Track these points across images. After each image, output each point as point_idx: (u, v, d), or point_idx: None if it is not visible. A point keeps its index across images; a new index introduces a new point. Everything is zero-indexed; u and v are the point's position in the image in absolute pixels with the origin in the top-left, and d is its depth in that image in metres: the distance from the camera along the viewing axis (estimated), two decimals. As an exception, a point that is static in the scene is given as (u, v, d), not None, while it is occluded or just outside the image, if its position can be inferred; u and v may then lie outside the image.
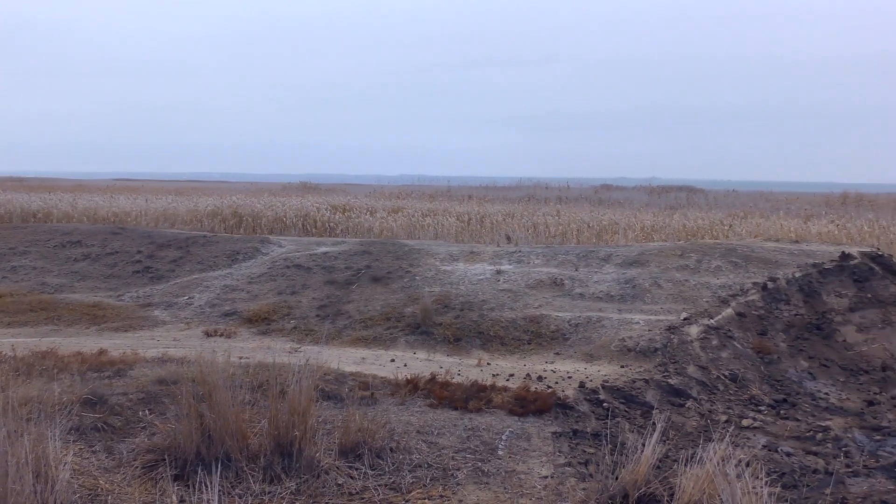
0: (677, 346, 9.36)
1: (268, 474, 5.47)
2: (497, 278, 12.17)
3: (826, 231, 20.81)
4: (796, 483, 6.43)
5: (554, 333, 10.10)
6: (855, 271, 12.09)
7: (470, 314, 10.75)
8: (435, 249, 14.25)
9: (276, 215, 26.02)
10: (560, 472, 6.10)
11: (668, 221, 24.15)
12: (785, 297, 11.18)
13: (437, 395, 7.45)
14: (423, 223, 24.34)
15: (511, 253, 13.91)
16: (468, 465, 6.06)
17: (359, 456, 5.90)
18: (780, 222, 23.41)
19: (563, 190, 49.56)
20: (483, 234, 22.79)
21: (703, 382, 8.76)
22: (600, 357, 9.32)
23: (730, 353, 9.54)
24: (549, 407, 7.33)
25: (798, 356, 10.07)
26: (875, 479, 6.62)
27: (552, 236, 21.93)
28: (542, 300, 11.19)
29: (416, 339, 10.27)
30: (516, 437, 6.67)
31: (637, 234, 21.64)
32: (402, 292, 11.77)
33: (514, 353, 9.74)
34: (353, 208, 28.88)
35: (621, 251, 13.60)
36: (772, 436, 7.69)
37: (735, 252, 13.00)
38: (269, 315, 11.37)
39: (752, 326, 10.34)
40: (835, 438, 7.63)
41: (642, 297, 11.25)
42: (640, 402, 7.98)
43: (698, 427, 7.59)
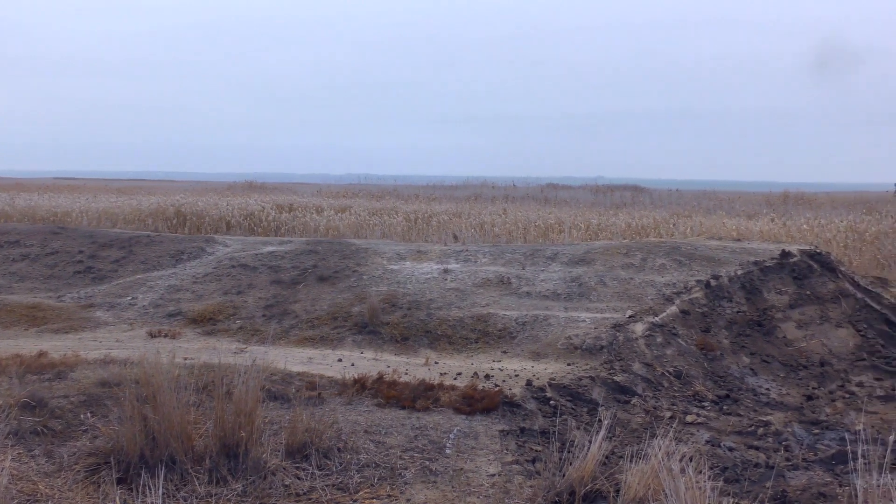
0: (623, 343, 9.45)
1: (213, 476, 5.40)
2: (444, 277, 12.18)
3: (767, 229, 21.20)
4: (738, 477, 6.54)
5: (501, 332, 10.13)
6: (794, 269, 12.33)
7: (417, 313, 10.74)
8: (382, 248, 14.22)
9: (221, 214, 25.74)
10: (507, 470, 6.12)
11: (613, 220, 24.38)
12: (728, 294, 11.36)
13: (385, 394, 7.43)
14: (370, 222, 24.27)
15: (458, 252, 13.93)
16: (416, 464, 6.06)
17: (306, 456, 5.86)
18: (722, 221, 23.78)
19: (509, 189, 49.77)
20: (430, 233, 22.80)
21: (648, 379, 8.86)
22: (547, 355, 9.38)
23: (674, 350, 9.66)
24: (496, 405, 7.35)
25: (740, 352, 10.24)
26: (813, 471, 6.76)
27: (499, 235, 22.02)
28: (489, 299, 11.23)
29: (363, 339, 10.23)
30: (464, 436, 6.68)
31: (583, 233, 21.82)
32: (349, 291, 11.72)
33: (461, 352, 9.75)
34: (300, 207, 28.68)
35: (567, 250, 13.70)
36: (715, 431, 7.81)
37: (679, 250, 13.18)
38: (215, 315, 11.24)
39: (695, 324, 10.49)
40: (775, 433, 7.77)
41: (588, 296, 11.34)
42: (587, 399, 8.05)
43: (644, 423, 7.67)
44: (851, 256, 17.60)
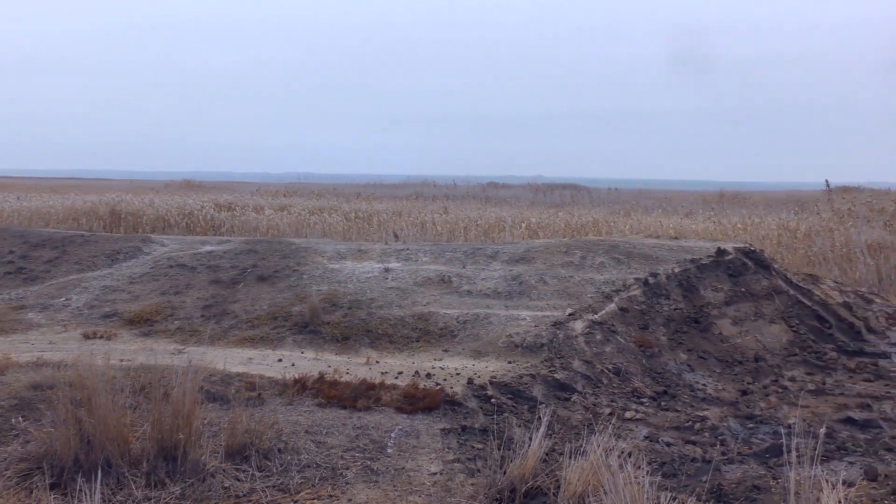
0: (563, 341, 9.54)
1: (151, 479, 5.32)
2: (385, 276, 12.16)
3: (704, 228, 21.57)
4: (676, 471, 6.65)
5: (442, 331, 10.15)
6: (730, 266, 12.57)
7: (358, 312, 10.71)
8: (322, 248, 14.14)
9: (159, 214, 25.35)
10: (449, 469, 6.14)
11: (553, 219, 24.58)
12: (665, 292, 11.54)
13: (326, 394, 7.40)
14: (311, 221, 24.13)
15: (399, 251, 13.92)
16: (357, 463, 6.04)
17: (246, 458, 5.80)
18: (660, 219, 24.15)
19: (450, 188, 49.91)
20: (371, 232, 22.75)
21: (587, 376, 8.95)
22: (488, 353, 9.42)
23: (613, 348, 9.78)
24: (437, 404, 7.37)
25: (678, 349, 10.41)
26: (748, 465, 6.90)
27: (440, 234, 22.05)
28: (430, 298, 11.24)
29: (303, 339, 10.16)
30: (405, 435, 6.68)
31: (523, 232, 21.96)
32: (289, 291, 11.63)
33: (402, 351, 9.74)
34: (239, 206, 28.38)
35: (508, 248, 13.77)
36: (653, 427, 7.92)
37: (618, 248, 13.34)
38: (152, 316, 11.07)
39: (634, 321, 10.63)
40: (711, 427, 7.92)
41: (529, 294, 11.42)
42: (528, 396, 8.10)
43: (583, 420, 7.75)
44: (784, 254, 18.01)
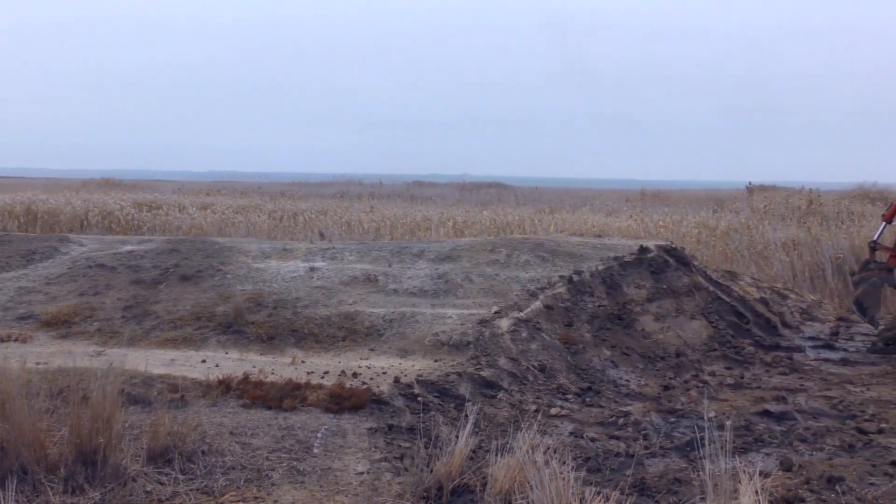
0: (489, 339, 9.59)
1: (69, 485, 5.20)
2: (311, 275, 12.07)
3: (626, 226, 21.93)
4: (600, 467, 6.75)
5: (369, 330, 10.12)
6: (652, 264, 12.80)
7: (283, 312, 10.61)
8: (247, 247, 13.96)
9: (77, 213, 24.72)
10: (376, 468, 6.14)
11: (479, 217, 24.70)
12: (589, 289, 11.69)
13: (251, 394, 7.32)
14: (235, 220, 23.82)
15: (325, 250, 13.83)
16: (283, 464, 6.00)
17: (169, 461, 5.71)
18: (584, 218, 24.46)
19: (376, 186, 49.83)
20: (296, 230, 22.57)
21: (513, 374, 9.03)
22: (415, 352, 9.42)
23: (539, 345, 9.88)
24: (364, 403, 7.35)
25: (602, 346, 10.56)
26: (670, 458, 7.06)
27: (366, 232, 21.99)
28: (356, 297, 11.19)
29: (228, 339, 10.03)
30: (332, 435, 6.66)
31: (449, 230, 22.03)
32: (213, 291, 11.46)
33: (328, 351, 9.69)
34: (161, 205, 27.86)
35: (434, 247, 13.80)
36: (578, 423, 8.03)
37: (543, 246, 13.46)
38: (70, 317, 10.79)
39: (559, 318, 10.75)
40: (635, 422, 8.06)
41: (455, 292, 11.45)
42: (454, 395, 8.14)
43: (509, 417, 7.81)
44: (704, 251, 18.41)
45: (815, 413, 8.48)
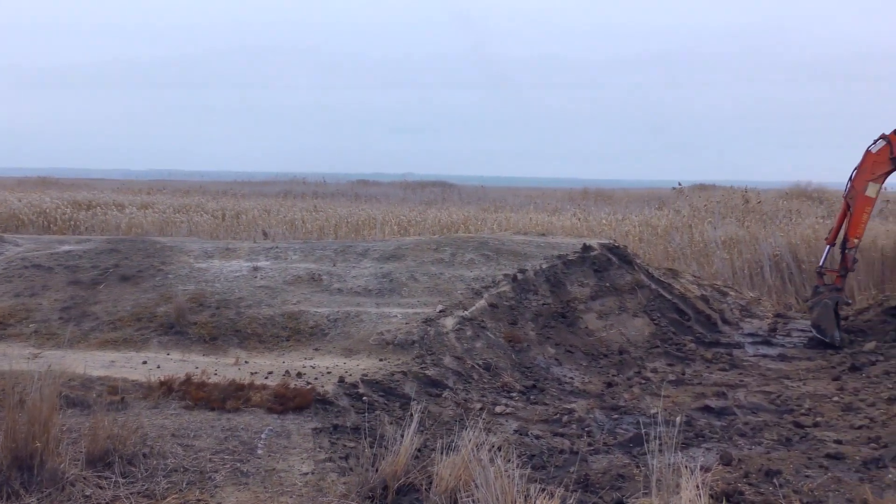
0: (434, 337, 9.60)
1: (4, 491, 5.08)
2: (254, 275, 11.95)
3: (569, 224, 22.10)
4: (545, 463, 6.80)
5: (313, 329, 10.06)
6: (595, 262, 12.92)
7: (226, 312, 10.49)
8: (189, 246, 13.77)
9: (11, 212, 24.17)
10: (321, 468, 6.10)
11: (423, 216, 24.71)
12: (533, 287, 11.76)
13: (193, 396, 7.22)
14: (176, 219, 23.50)
15: (268, 249, 13.71)
16: (227, 466, 5.93)
17: (109, 464, 5.61)
18: (528, 216, 24.60)
19: (319, 185, 49.57)
20: (239, 230, 22.34)
21: (458, 372, 9.04)
22: (359, 351, 9.39)
23: (483, 343, 9.91)
24: (308, 403, 7.30)
25: (546, 344, 10.63)
26: (613, 455, 7.14)
27: (310, 232, 21.85)
28: (300, 296, 11.12)
29: (169, 340, 9.89)
30: (276, 435, 6.60)
31: (394, 229, 21.99)
32: (154, 291, 11.28)
33: (272, 351, 9.61)
34: (99, 204, 27.36)
35: (379, 246, 13.76)
36: (523, 421, 8.08)
37: (487, 245, 13.51)
38: (5, 319, 10.53)
39: (503, 317, 10.80)
40: (578, 420, 8.13)
41: (399, 291, 11.44)
42: (399, 394, 8.13)
43: (455, 416, 7.83)
44: (646, 249, 18.64)
45: (753, 408, 8.65)
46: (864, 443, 7.33)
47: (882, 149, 11.78)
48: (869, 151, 11.92)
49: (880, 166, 11.82)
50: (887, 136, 11.76)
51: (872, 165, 11.85)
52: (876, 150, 11.84)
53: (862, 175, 11.92)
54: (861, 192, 11.84)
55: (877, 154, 11.83)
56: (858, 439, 7.46)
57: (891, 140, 11.73)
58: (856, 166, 12.04)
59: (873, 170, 11.83)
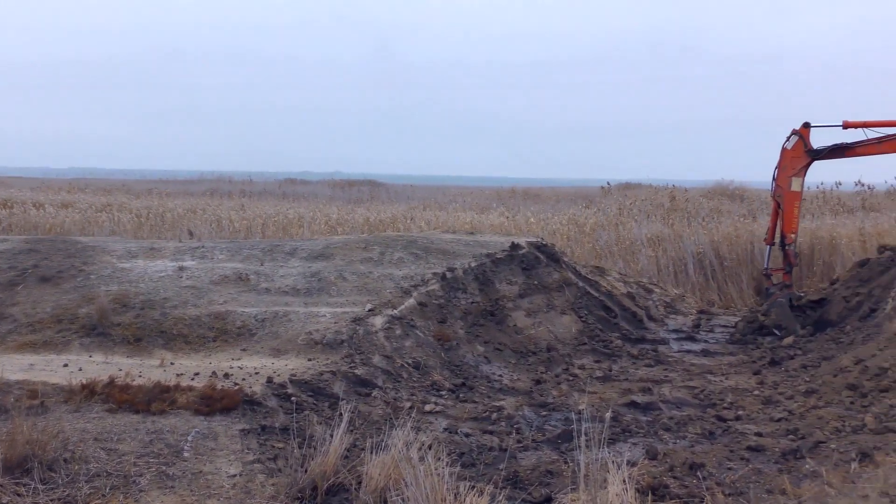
0: (363, 337, 9.57)
1: (-82, 500, 4.91)
2: (180, 275, 11.75)
3: (498, 223, 22.22)
4: (474, 461, 6.83)
5: (240, 329, 9.93)
6: (523, 260, 13.03)
7: (151, 313, 10.29)
8: (111, 246, 13.47)
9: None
10: (249, 470, 6.04)
11: (352, 215, 24.60)
12: (462, 286, 11.80)
13: (117, 398, 7.07)
14: (99, 219, 22.97)
15: (194, 248, 13.49)
16: (152, 469, 5.82)
17: (27, 470, 5.46)
18: (457, 215, 24.67)
19: (246, 184, 49.05)
20: (164, 229, 21.94)
21: (388, 371, 9.03)
22: (288, 351, 9.31)
23: (413, 342, 9.91)
24: (236, 404, 7.21)
25: (475, 342, 10.68)
26: (542, 451, 7.21)
27: (237, 231, 21.58)
28: (227, 296, 10.97)
29: (92, 342, 9.66)
30: (203, 437, 6.50)
31: (322, 228, 21.85)
32: (75, 292, 11.01)
33: (199, 352, 9.46)
34: (16, 203, 26.60)
35: (307, 245, 13.66)
36: (452, 419, 8.10)
37: (416, 244, 13.51)
38: (-82, 322, 10.18)
39: (432, 315, 10.81)
40: (508, 417, 8.19)
41: (328, 290, 11.37)
42: (328, 394, 8.08)
43: (384, 415, 7.81)
44: (573, 247, 18.85)
45: (678, 403, 8.82)
46: (782, 435, 7.54)
47: (796, 144, 12.17)
48: (785, 149, 12.30)
49: (798, 161, 12.19)
50: (798, 131, 12.16)
51: (791, 161, 12.22)
52: (791, 147, 12.22)
53: (783, 172, 12.29)
54: (786, 188, 12.21)
55: (792, 150, 12.21)
56: (778, 431, 7.67)
57: (802, 134, 12.13)
58: (776, 165, 12.40)
59: (793, 165, 12.21)
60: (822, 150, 12.23)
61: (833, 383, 8.93)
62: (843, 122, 12.10)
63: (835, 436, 7.30)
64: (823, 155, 12.25)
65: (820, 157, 12.25)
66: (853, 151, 12.24)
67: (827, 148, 12.23)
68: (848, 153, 12.27)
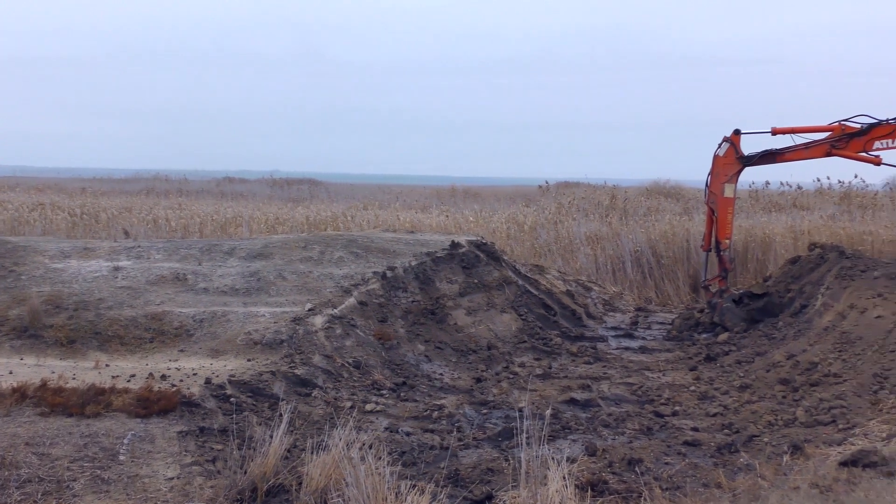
0: (303, 336, 9.50)
1: None
2: (115, 275, 11.54)
3: (438, 222, 22.23)
4: (416, 460, 6.84)
5: (178, 330, 9.79)
6: (463, 259, 13.06)
7: (86, 314, 10.08)
8: (44, 246, 13.17)
9: None
10: (187, 472, 5.95)
11: (291, 214, 24.41)
12: (403, 284, 11.79)
13: (50, 402, 6.91)
14: (30, 218, 22.44)
15: (130, 248, 13.26)
16: (86, 474, 5.71)
17: (-44, 477, 5.32)
18: (397, 214, 24.62)
19: (183, 182, 48.34)
20: (99, 229, 21.51)
21: (328, 371, 8.98)
22: (227, 352, 9.20)
23: (353, 341, 9.87)
24: (174, 406, 7.10)
25: (416, 340, 10.68)
26: (483, 449, 7.24)
27: (174, 230, 21.26)
28: (164, 296, 10.80)
29: (23, 344, 9.44)
30: (139, 440, 6.40)
31: (261, 227, 21.64)
32: (5, 293, 10.73)
33: (135, 353, 9.30)
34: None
35: (245, 244, 13.51)
36: (393, 418, 8.09)
37: (356, 243, 13.46)
38: None
39: (373, 314, 10.78)
40: (448, 415, 8.21)
41: (268, 290, 11.27)
42: (268, 394, 8.01)
43: (325, 415, 7.78)
44: (513, 246, 18.95)
45: (617, 399, 8.93)
46: (718, 429, 7.69)
47: (728, 151, 12.40)
48: (717, 156, 12.51)
49: (730, 167, 12.41)
50: (729, 138, 12.38)
51: (723, 168, 12.43)
52: (723, 154, 12.44)
53: (716, 179, 12.48)
54: (720, 194, 12.39)
55: (724, 157, 12.43)
56: (713, 426, 7.82)
57: (733, 141, 12.36)
58: (709, 172, 12.60)
59: (725, 172, 12.42)
60: (753, 157, 12.48)
61: (766, 378, 9.13)
62: (771, 128, 12.38)
63: (768, 429, 7.48)
64: (755, 161, 12.50)
65: (751, 163, 12.50)
66: (783, 157, 12.52)
67: (758, 154, 12.49)
68: (778, 159, 12.55)
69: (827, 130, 12.27)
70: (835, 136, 12.13)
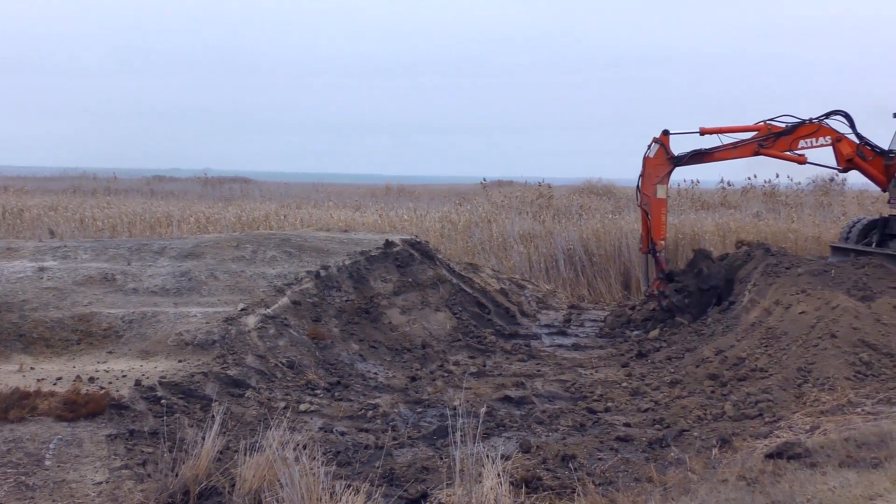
0: (235, 337, 9.38)
1: None
2: (40, 276, 11.25)
3: (372, 221, 22.16)
4: (351, 459, 6.81)
5: (106, 331, 9.58)
6: (398, 257, 13.05)
7: (9, 316, 9.81)
8: (-36, 246, 12.79)
9: None
10: (116, 476, 5.84)
11: (223, 213, 24.10)
12: (337, 284, 11.73)
13: (-29, 407, 6.72)
14: (-51, 217, 21.78)
15: (55, 248, 12.94)
16: (10, 480, 5.56)
17: None
18: (331, 213, 24.49)
19: (111, 181, 47.40)
20: (22, 228, 20.97)
21: (261, 371, 8.89)
22: (157, 353, 9.04)
23: (287, 341, 9.79)
24: (102, 409, 6.95)
25: (350, 340, 10.64)
26: (418, 448, 7.25)
27: (101, 230, 20.82)
28: (92, 297, 10.56)
29: (-57, 347, 9.14)
30: (66, 444, 6.25)
31: (192, 227, 21.32)
32: (-76, 295, 10.39)
33: (61, 355, 9.08)
34: None
35: (176, 244, 13.30)
36: (328, 417, 8.05)
37: (289, 242, 13.34)
38: None
39: (307, 314, 10.71)
40: (383, 414, 8.20)
41: (199, 290, 11.10)
42: (200, 395, 7.89)
43: (258, 415, 7.70)
44: (447, 244, 19.00)
45: (550, 396, 9.02)
46: (649, 425, 7.82)
47: (658, 152, 12.56)
48: (647, 157, 12.65)
49: (661, 168, 12.58)
50: (659, 139, 12.53)
51: (654, 169, 12.58)
52: (653, 155, 12.59)
53: (648, 181, 12.61)
54: (652, 196, 12.53)
55: (655, 158, 12.58)
56: (644, 422, 7.95)
57: (662, 142, 12.51)
58: (640, 174, 12.72)
59: (656, 173, 12.57)
60: (682, 157, 12.67)
61: (695, 374, 9.31)
62: (699, 128, 12.60)
63: (697, 424, 7.62)
64: (684, 161, 12.69)
65: (681, 163, 12.69)
66: (711, 157, 12.75)
67: (687, 154, 12.68)
68: (707, 158, 12.77)
69: (753, 130, 12.55)
70: (761, 135, 12.41)
